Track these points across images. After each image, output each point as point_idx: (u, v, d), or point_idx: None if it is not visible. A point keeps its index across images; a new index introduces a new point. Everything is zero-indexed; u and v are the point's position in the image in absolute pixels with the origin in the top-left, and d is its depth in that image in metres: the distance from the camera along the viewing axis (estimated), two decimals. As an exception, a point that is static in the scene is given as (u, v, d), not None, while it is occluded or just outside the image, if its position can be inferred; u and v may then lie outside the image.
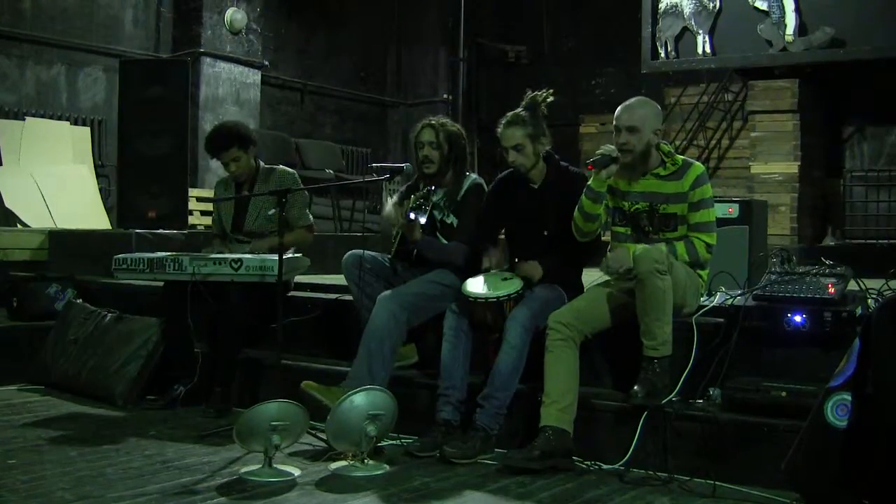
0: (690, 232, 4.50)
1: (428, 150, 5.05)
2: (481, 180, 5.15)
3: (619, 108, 4.55)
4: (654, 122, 4.53)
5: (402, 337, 4.80)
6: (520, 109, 4.80)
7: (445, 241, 5.04)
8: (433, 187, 4.88)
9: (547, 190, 4.82)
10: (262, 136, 9.78)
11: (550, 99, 4.80)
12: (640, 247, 4.31)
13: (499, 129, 4.80)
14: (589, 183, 4.50)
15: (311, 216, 5.82)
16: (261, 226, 5.66)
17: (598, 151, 4.49)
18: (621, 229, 4.64)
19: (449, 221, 5.05)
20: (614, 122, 4.52)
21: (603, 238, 4.87)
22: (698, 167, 4.56)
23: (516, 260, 4.88)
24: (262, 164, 5.80)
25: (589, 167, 4.46)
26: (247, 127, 5.91)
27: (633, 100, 4.60)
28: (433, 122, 5.12)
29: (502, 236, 5.08)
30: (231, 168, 5.67)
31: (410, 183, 5.29)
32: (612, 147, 4.49)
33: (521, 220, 4.85)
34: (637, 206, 4.57)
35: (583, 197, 4.52)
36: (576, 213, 4.57)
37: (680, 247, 4.46)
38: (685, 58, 10.63)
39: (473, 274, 4.78)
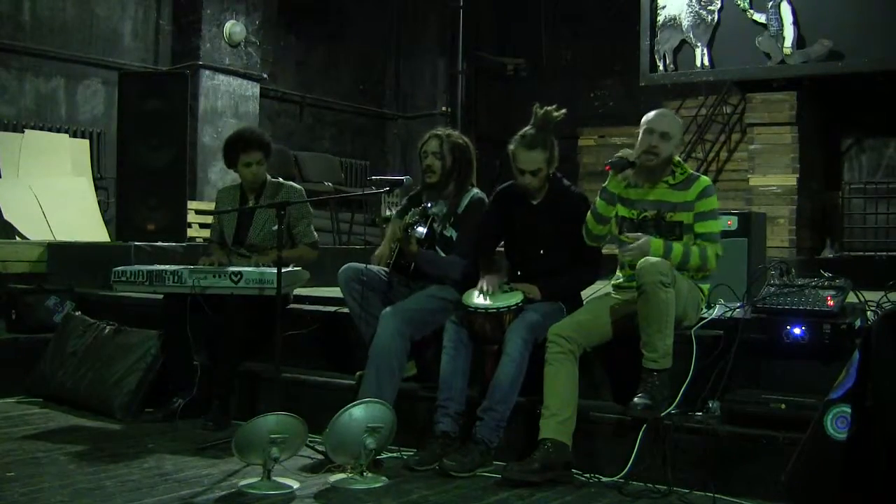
0: (699, 241, 4.54)
1: (431, 160, 5.07)
2: (483, 195, 5.15)
3: (653, 113, 4.63)
4: (681, 135, 4.71)
5: (407, 351, 4.79)
6: (533, 129, 4.72)
7: (443, 255, 5.04)
8: (430, 203, 4.89)
9: (547, 208, 4.81)
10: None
11: (558, 117, 4.78)
12: (645, 258, 4.32)
13: (511, 147, 4.73)
14: (605, 185, 4.58)
15: (315, 234, 5.82)
16: (264, 240, 5.65)
17: (616, 154, 4.55)
18: (628, 238, 4.66)
19: (448, 234, 5.05)
20: (646, 125, 4.57)
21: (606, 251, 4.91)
22: (705, 180, 4.63)
23: (518, 273, 4.88)
24: (268, 177, 5.80)
25: (606, 168, 4.53)
26: (269, 137, 5.93)
27: (665, 110, 4.76)
28: (440, 132, 5.15)
29: (501, 248, 5.07)
30: (251, 170, 5.65)
31: (412, 194, 5.30)
32: (630, 151, 4.54)
33: (520, 235, 4.85)
34: (645, 213, 4.61)
35: (597, 199, 4.59)
36: (588, 215, 4.62)
37: (695, 250, 4.50)
38: (684, 70, 10.64)
39: (474, 285, 4.79)
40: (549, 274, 4.75)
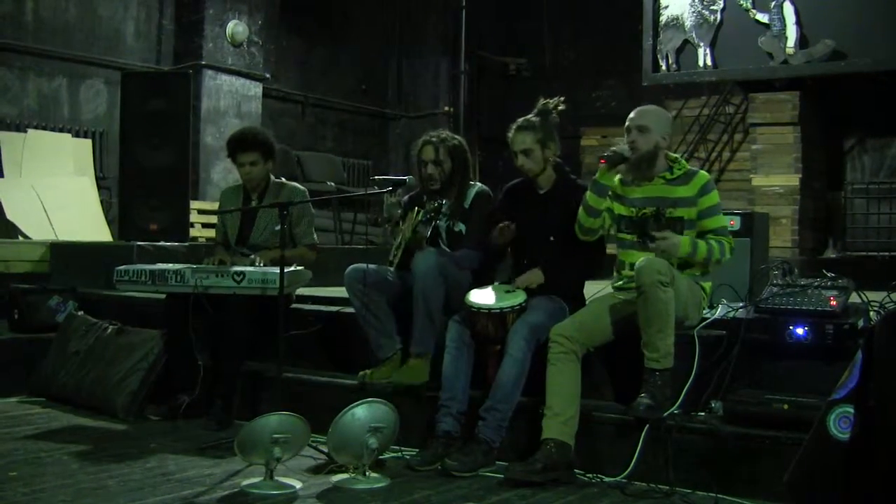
0: (712, 236, 4.54)
1: (431, 169, 5.07)
2: (486, 188, 5.18)
3: (633, 111, 4.66)
4: (664, 126, 4.64)
5: (443, 288, 4.84)
6: (531, 115, 4.84)
7: (448, 250, 5.04)
8: (444, 200, 4.88)
9: (553, 196, 4.86)
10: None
11: (562, 107, 4.85)
12: (644, 258, 4.32)
13: (510, 134, 4.84)
14: (595, 177, 4.57)
15: (315, 236, 5.83)
16: (266, 240, 5.66)
17: (611, 149, 4.56)
18: (627, 236, 4.66)
19: (457, 230, 5.07)
20: (626, 124, 4.61)
21: (608, 250, 4.90)
22: (705, 175, 4.63)
23: (525, 262, 4.88)
24: (272, 178, 5.80)
25: (601, 161, 4.52)
26: (273, 138, 5.92)
27: (646, 106, 4.75)
28: (433, 139, 5.12)
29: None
30: (245, 170, 5.67)
31: (412, 194, 5.30)
32: (626, 147, 4.53)
33: (528, 224, 4.86)
34: (644, 210, 4.60)
35: (588, 192, 4.58)
36: (580, 210, 4.62)
37: (715, 245, 4.49)
38: (686, 70, 10.63)
39: (478, 285, 4.80)
40: (557, 263, 4.76)
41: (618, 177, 4.67)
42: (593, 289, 4.94)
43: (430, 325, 4.82)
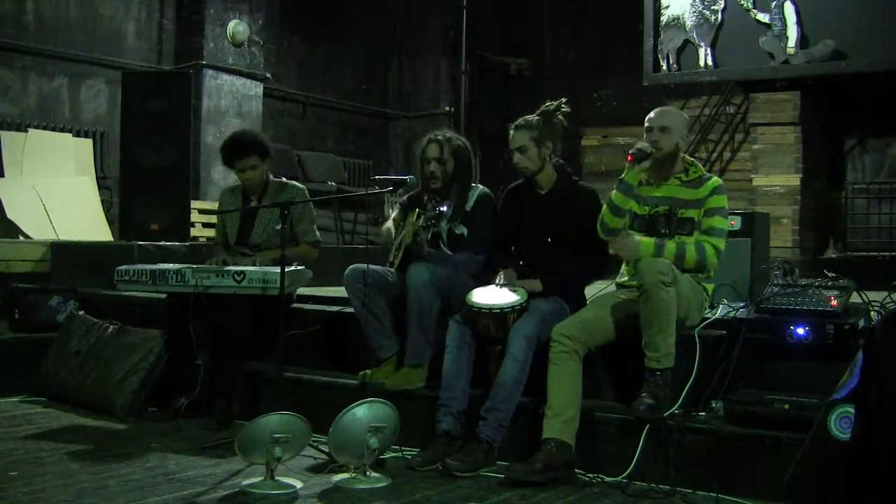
0: (702, 236, 4.53)
1: (434, 167, 5.07)
2: (488, 190, 5.18)
3: (652, 112, 4.68)
4: (683, 128, 4.69)
5: (439, 300, 4.85)
6: (532, 115, 4.86)
7: (449, 252, 5.04)
8: (443, 207, 4.87)
9: (554, 197, 4.86)
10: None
11: (565, 108, 4.85)
12: (645, 259, 4.32)
13: (509, 133, 4.87)
14: (622, 176, 4.56)
15: (317, 233, 5.82)
16: (267, 239, 5.66)
17: (635, 146, 4.54)
18: (638, 234, 4.65)
19: (458, 232, 5.06)
20: (646, 124, 4.63)
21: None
22: (718, 179, 4.66)
23: (521, 263, 4.89)
24: (271, 177, 5.80)
25: (629, 158, 4.51)
26: (266, 138, 5.91)
27: (665, 107, 4.80)
28: (438, 137, 5.12)
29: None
30: (247, 175, 5.67)
31: (412, 193, 5.30)
32: (646, 144, 4.54)
33: (528, 224, 4.88)
34: (657, 209, 4.62)
35: (614, 191, 4.58)
36: (604, 209, 4.61)
37: (690, 248, 4.48)
38: (687, 70, 10.63)
39: (480, 284, 4.80)
40: (557, 264, 4.76)
41: (642, 174, 4.66)
42: (594, 288, 4.94)
43: (425, 337, 4.83)
